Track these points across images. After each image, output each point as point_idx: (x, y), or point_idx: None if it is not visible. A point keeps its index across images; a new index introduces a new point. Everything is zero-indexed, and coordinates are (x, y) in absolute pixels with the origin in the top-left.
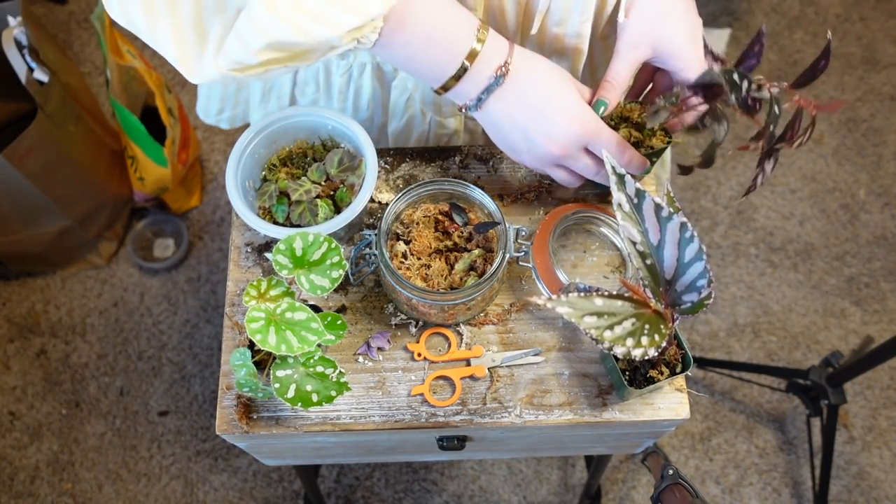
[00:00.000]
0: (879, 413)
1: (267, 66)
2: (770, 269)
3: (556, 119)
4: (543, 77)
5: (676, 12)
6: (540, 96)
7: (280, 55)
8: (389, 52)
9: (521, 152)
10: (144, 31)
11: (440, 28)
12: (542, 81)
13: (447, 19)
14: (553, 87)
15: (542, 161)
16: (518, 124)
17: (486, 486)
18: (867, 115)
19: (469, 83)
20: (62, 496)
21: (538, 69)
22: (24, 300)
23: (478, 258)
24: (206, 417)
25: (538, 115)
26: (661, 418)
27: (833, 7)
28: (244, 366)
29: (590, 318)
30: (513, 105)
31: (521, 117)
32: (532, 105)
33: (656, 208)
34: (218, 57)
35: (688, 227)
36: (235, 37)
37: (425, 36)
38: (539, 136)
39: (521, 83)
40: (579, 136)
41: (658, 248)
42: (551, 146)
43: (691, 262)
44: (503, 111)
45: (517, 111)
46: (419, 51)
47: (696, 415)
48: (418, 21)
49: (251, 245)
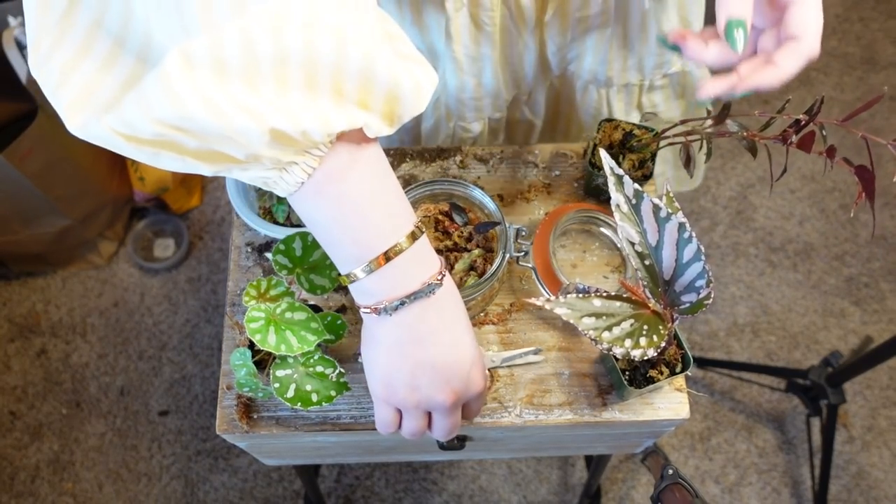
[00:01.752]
0: (879, 413)
1: (160, 146)
2: (770, 269)
3: (474, 365)
4: (463, 314)
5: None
6: (462, 332)
7: (179, 137)
8: (315, 203)
9: (397, 382)
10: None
11: (386, 193)
12: (464, 321)
13: (393, 191)
14: (467, 332)
15: (421, 402)
16: (431, 350)
17: (486, 486)
18: (867, 116)
19: (398, 274)
20: (62, 496)
21: (460, 304)
22: (24, 300)
23: (478, 258)
24: (207, 417)
25: (456, 350)
26: (661, 418)
27: (833, 7)
28: (244, 366)
29: (588, 319)
30: (438, 323)
31: (445, 338)
32: (455, 336)
33: (654, 209)
34: (108, 114)
35: (686, 228)
36: (137, 96)
37: (370, 194)
38: (445, 372)
39: (451, 307)
40: (476, 394)
41: (656, 249)
42: (449, 394)
43: (690, 262)
44: (424, 325)
45: (442, 331)
46: (353, 212)
47: (696, 415)
48: (365, 174)
49: (251, 245)
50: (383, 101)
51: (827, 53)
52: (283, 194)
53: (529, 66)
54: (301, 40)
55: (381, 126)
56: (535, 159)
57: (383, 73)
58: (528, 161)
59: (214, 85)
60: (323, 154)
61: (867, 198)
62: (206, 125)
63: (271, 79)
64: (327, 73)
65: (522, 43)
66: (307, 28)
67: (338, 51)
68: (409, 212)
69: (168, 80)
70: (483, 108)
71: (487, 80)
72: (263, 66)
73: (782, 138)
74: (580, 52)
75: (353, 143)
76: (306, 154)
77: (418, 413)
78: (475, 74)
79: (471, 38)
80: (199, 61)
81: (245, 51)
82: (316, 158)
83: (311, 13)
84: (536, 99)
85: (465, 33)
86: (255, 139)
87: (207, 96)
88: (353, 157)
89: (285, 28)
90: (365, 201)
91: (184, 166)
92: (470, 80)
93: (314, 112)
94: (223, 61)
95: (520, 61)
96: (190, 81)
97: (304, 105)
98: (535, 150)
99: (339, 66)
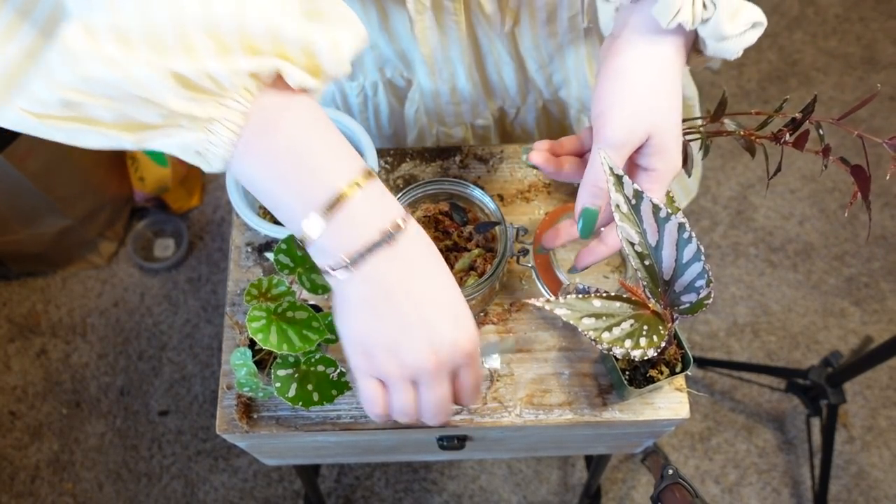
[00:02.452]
0: (879, 413)
1: (74, 121)
2: (770, 269)
3: (458, 321)
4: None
5: (673, 100)
6: (439, 284)
7: (90, 107)
8: (249, 162)
9: (374, 347)
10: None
11: (325, 142)
12: (440, 271)
13: (332, 140)
14: (446, 284)
15: (405, 368)
16: (405, 305)
17: (486, 486)
18: (866, 115)
19: (349, 224)
20: (62, 496)
21: (435, 256)
22: (24, 300)
23: (478, 258)
24: (207, 417)
25: (434, 304)
26: (661, 418)
27: (833, 7)
28: (244, 365)
29: (588, 320)
30: (408, 276)
31: (418, 292)
32: (431, 288)
33: (654, 209)
34: (15, 93)
35: (686, 228)
36: (39, 67)
37: (306, 144)
38: (423, 329)
39: (421, 256)
40: (464, 355)
41: (656, 249)
42: (430, 355)
43: (689, 262)
44: (392, 277)
45: (414, 284)
46: (290, 164)
47: (696, 415)
48: (298, 123)
49: (251, 245)
50: (301, 55)
51: (827, 53)
52: (219, 165)
53: (510, 79)
54: (198, 5)
55: (302, 76)
56: None
57: (291, 32)
58: None
59: (115, 45)
60: (244, 107)
61: (862, 197)
62: (108, 83)
63: (179, 48)
64: (234, 36)
65: (496, 52)
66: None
67: (237, 13)
68: (353, 158)
69: (67, 44)
70: (462, 114)
71: (462, 86)
72: (166, 36)
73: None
74: (565, 75)
75: (280, 93)
76: (223, 107)
77: (404, 384)
78: (447, 80)
79: (437, 41)
80: (101, 34)
81: (145, 21)
82: (238, 113)
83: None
84: (526, 118)
85: (432, 36)
86: (160, 89)
87: (106, 56)
88: (282, 107)
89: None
90: (301, 151)
91: (105, 141)
92: (443, 85)
93: (219, 57)
94: (125, 33)
95: (497, 71)
96: (90, 45)
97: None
98: None
99: (242, 29)
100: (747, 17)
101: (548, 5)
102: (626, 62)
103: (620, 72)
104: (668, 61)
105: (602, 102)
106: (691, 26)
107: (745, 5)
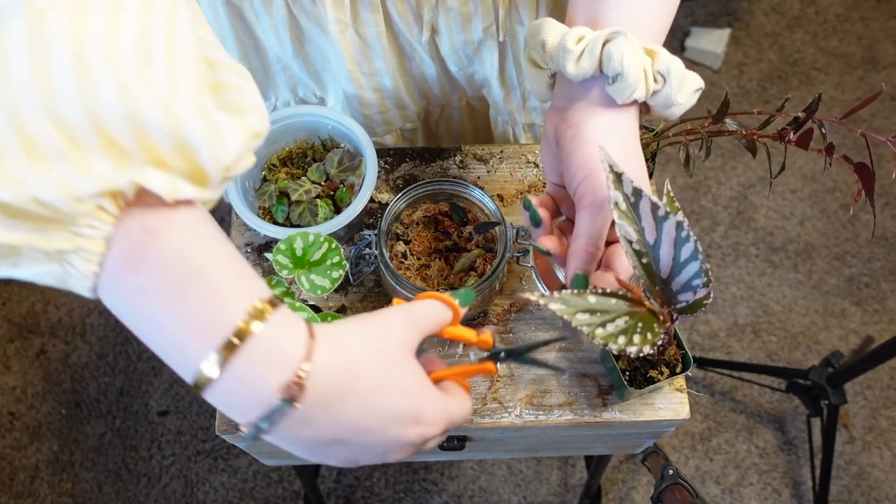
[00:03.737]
0: (879, 413)
1: None
2: (770, 269)
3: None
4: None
5: (641, 159)
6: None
7: None
8: (117, 299)
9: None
10: None
11: (208, 275)
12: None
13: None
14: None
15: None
16: (343, 449)
17: (486, 486)
18: (867, 115)
19: (234, 388)
20: (62, 496)
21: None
22: (24, 300)
23: (478, 258)
24: (206, 417)
25: (389, 421)
26: (661, 418)
27: (833, 7)
28: None
29: (582, 316)
30: (330, 423)
31: (354, 434)
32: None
33: (653, 207)
34: None
35: (684, 227)
36: None
37: (183, 276)
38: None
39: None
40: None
41: (654, 247)
42: (399, 455)
43: (687, 261)
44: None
45: (343, 425)
46: (158, 307)
47: (696, 415)
48: (173, 252)
49: (251, 245)
50: (175, 154)
51: (828, 53)
52: (84, 293)
53: (433, 79)
54: (30, 73)
55: (176, 186)
56: (535, 159)
57: (157, 121)
58: (528, 161)
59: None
60: (102, 231)
61: (867, 195)
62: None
63: (11, 138)
64: (81, 123)
65: (418, 56)
66: (37, 65)
67: (84, 90)
68: (250, 283)
69: None
70: (392, 121)
71: (389, 92)
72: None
73: (780, 136)
74: (486, 75)
75: (151, 212)
76: (75, 235)
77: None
78: (376, 89)
79: (362, 55)
80: None
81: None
82: (95, 240)
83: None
84: (451, 114)
85: (356, 51)
86: None
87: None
88: (151, 233)
89: (12, 68)
90: (180, 285)
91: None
92: (371, 94)
93: (45, 172)
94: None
95: (420, 73)
96: None
97: (59, 171)
98: (535, 150)
99: (91, 114)
100: (692, 84)
101: (462, 15)
102: (593, 130)
103: (589, 140)
104: (628, 126)
105: (582, 169)
106: (644, 99)
107: (689, 75)
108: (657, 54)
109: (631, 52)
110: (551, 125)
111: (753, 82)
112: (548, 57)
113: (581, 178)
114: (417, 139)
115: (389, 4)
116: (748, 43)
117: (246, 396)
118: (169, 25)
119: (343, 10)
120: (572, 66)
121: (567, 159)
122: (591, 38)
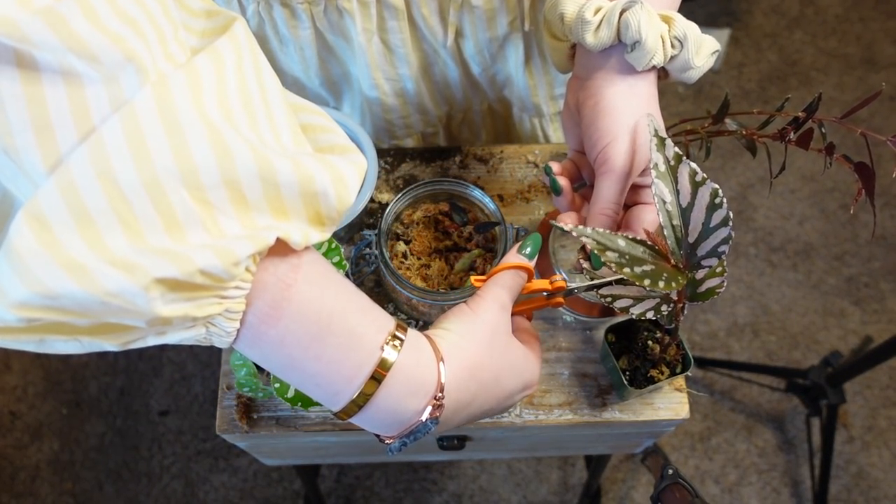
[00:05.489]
0: (879, 413)
1: (42, 331)
2: (770, 269)
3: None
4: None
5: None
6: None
7: (59, 318)
8: (261, 351)
9: None
10: None
11: (339, 316)
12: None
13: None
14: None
15: None
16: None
17: (486, 486)
18: (866, 115)
19: (378, 416)
20: (63, 496)
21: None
22: None
23: (478, 258)
24: (207, 417)
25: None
26: (661, 418)
27: (832, 7)
28: (244, 366)
29: (612, 254)
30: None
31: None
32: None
33: (692, 173)
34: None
35: (719, 194)
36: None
37: (319, 323)
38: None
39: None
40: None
41: (685, 211)
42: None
43: (717, 227)
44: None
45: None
46: (302, 354)
47: (696, 415)
48: (303, 301)
49: None
50: (301, 204)
51: (827, 54)
52: (222, 346)
53: (456, 84)
54: (169, 151)
55: (309, 232)
56: (535, 159)
57: (285, 173)
58: (528, 161)
59: (78, 241)
60: (243, 290)
61: (867, 195)
62: (74, 297)
63: (151, 211)
64: (218, 189)
65: (441, 61)
66: (173, 136)
67: (222, 158)
68: (377, 326)
69: (18, 255)
70: (413, 125)
71: (411, 97)
72: (132, 196)
73: (780, 135)
74: (507, 74)
75: (281, 262)
76: (225, 300)
77: None
78: (398, 93)
79: (386, 61)
80: (54, 214)
81: (106, 183)
82: (238, 301)
83: (172, 117)
84: (473, 120)
85: (381, 58)
86: (143, 301)
87: (69, 260)
88: (287, 285)
89: (148, 143)
90: (311, 339)
91: (81, 347)
92: (394, 99)
93: (207, 242)
94: (82, 203)
95: (444, 78)
96: (47, 248)
97: (196, 237)
98: (536, 150)
99: (228, 177)
100: (708, 47)
101: (487, 12)
102: (613, 100)
103: (610, 109)
104: (647, 93)
105: (603, 138)
106: (663, 64)
107: (706, 38)
108: (673, 20)
109: (648, 20)
110: (573, 94)
111: (753, 82)
112: (567, 29)
113: (602, 146)
114: (438, 142)
115: (414, 10)
116: (748, 43)
117: (392, 420)
118: (257, 74)
119: (370, 19)
120: (591, 36)
121: (588, 128)
122: (608, 8)
